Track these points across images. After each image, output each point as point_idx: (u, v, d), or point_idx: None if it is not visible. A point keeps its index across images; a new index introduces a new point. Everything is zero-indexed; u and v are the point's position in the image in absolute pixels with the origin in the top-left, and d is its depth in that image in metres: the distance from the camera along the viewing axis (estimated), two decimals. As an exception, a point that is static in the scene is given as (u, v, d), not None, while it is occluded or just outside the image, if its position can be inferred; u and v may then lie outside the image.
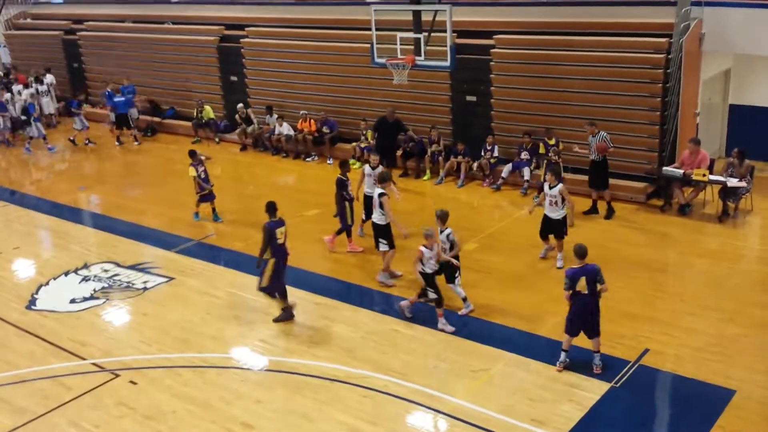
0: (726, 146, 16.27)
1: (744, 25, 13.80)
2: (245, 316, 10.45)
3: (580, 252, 8.65)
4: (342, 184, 12.23)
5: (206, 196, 14.53)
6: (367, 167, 12.27)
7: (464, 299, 10.33)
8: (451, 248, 10.15)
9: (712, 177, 13.28)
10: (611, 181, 13.87)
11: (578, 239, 12.59)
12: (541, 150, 14.71)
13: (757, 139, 15.63)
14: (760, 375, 8.58)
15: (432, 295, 9.86)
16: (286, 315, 10.30)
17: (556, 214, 11.40)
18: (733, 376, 8.59)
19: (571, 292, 8.62)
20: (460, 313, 10.26)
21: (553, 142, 14.47)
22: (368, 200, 12.27)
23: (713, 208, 13.62)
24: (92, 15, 25.39)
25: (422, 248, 9.73)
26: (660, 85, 14.01)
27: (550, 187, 11.34)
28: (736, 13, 13.85)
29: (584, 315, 8.66)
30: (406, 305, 10.26)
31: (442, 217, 10.12)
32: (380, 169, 12.24)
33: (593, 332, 8.74)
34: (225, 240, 13.51)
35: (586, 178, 13.91)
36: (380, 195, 11.14)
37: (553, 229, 11.52)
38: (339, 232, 12.59)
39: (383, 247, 11.19)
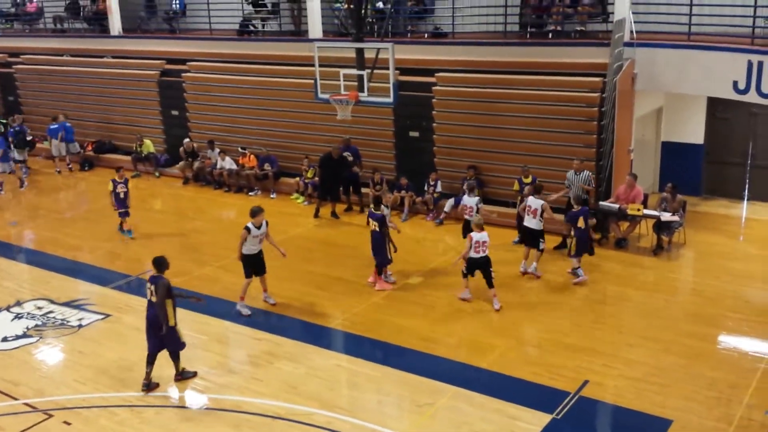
0: (659, 181, 16.81)
1: (674, 65, 14.37)
2: (184, 353, 10.20)
3: (578, 200, 12.19)
4: (382, 220, 12.05)
5: (123, 213, 15.25)
6: (253, 228, 11.17)
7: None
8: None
9: (646, 211, 13.68)
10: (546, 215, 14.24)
11: (516, 269, 12.85)
12: (515, 188, 14.32)
13: (688, 175, 16.24)
14: (696, 404, 8.79)
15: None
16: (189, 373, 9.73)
17: (534, 224, 12.51)
18: (670, 405, 8.76)
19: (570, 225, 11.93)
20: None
21: (529, 180, 14.23)
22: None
23: (648, 241, 14.01)
24: (29, 48, 24.90)
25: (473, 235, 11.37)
26: (595, 122, 14.45)
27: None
28: (666, 54, 14.42)
29: (585, 239, 11.90)
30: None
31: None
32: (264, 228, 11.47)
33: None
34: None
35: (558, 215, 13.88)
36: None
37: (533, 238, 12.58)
38: (380, 270, 12.29)
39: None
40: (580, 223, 12.19)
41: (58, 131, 21.08)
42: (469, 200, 13.16)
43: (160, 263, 9.40)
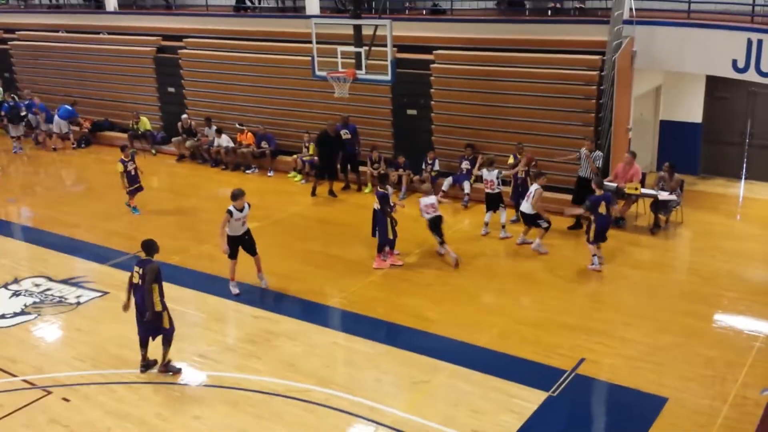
0: (657, 161, 16.79)
1: (673, 43, 14.30)
2: (183, 332, 10.22)
3: (599, 183, 11.94)
4: (384, 198, 12.08)
5: (136, 189, 15.25)
6: (235, 211, 10.98)
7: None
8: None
9: (644, 190, 13.69)
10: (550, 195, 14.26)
11: (512, 250, 12.90)
12: (509, 161, 14.31)
13: (686, 154, 16.22)
14: (691, 383, 8.84)
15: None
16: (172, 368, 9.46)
17: (526, 208, 12.75)
18: (666, 384, 8.82)
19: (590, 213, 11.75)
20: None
21: (522, 157, 14.09)
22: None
23: (645, 220, 14.02)
24: (24, 24, 24.69)
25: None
26: (594, 101, 14.41)
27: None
28: (665, 32, 14.35)
29: (606, 226, 11.77)
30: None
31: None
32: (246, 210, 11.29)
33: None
34: (161, 254, 13.07)
35: (565, 197, 14.09)
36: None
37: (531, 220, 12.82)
38: (381, 249, 12.31)
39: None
40: (602, 209, 11.89)
41: (32, 108, 21.16)
42: (490, 174, 13.30)
43: (150, 246, 9.21)
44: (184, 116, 19.71)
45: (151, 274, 9.02)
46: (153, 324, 9.16)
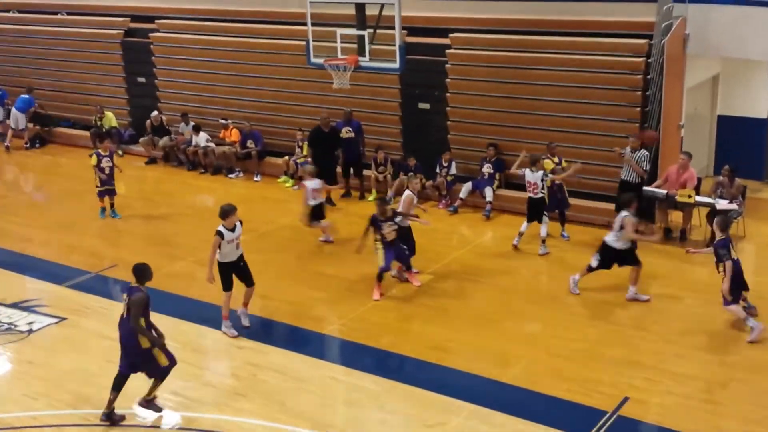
0: (714, 163, 16.79)
1: (734, 25, 14.33)
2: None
3: (724, 224, 10.70)
4: (375, 223, 12.06)
5: (106, 190, 15.46)
6: (226, 231, 10.69)
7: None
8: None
9: (699, 198, 13.68)
10: (580, 202, 14.48)
11: (544, 267, 12.89)
12: (547, 167, 13.84)
13: (748, 155, 16.20)
14: (756, 426, 8.80)
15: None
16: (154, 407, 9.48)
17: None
18: (725, 428, 8.78)
19: (730, 261, 10.41)
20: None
21: (555, 161, 14.19)
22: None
23: (701, 233, 14.01)
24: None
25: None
26: (639, 92, 14.44)
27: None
28: (724, 12, 14.38)
29: (741, 275, 10.58)
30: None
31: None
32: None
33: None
34: (128, 272, 13.19)
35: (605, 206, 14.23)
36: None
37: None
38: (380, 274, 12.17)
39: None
40: (735, 254, 10.64)
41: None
42: (534, 176, 13.24)
43: (141, 272, 9.16)
44: (155, 113, 19.81)
45: (137, 306, 8.89)
46: (144, 364, 9.12)
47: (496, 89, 15.78)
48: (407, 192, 12.58)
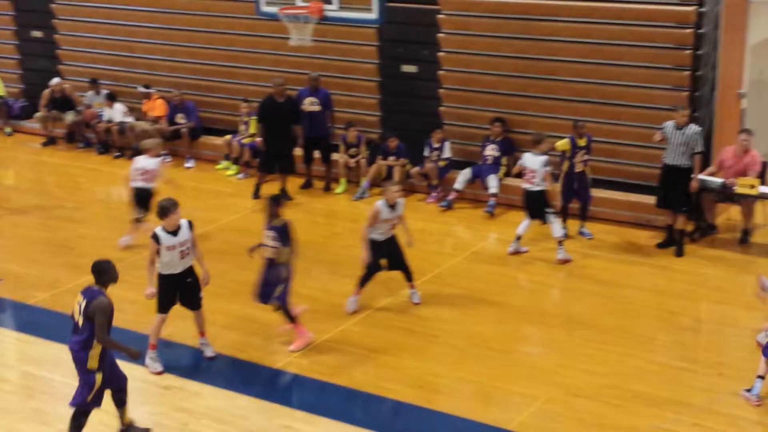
0: (786, 144, 16.98)
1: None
2: (52, 410, 10.26)
3: None
4: (282, 234, 11.74)
5: None
6: (164, 235, 10.75)
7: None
8: None
9: (763, 189, 13.81)
10: (613, 194, 14.77)
11: (560, 279, 13.01)
12: (564, 147, 14.24)
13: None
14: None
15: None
16: None
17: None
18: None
19: None
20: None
21: (584, 142, 14.30)
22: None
23: (766, 235, 14.22)
24: None
25: None
26: (689, 52, 14.57)
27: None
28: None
29: None
30: None
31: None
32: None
33: None
34: (20, 289, 13.29)
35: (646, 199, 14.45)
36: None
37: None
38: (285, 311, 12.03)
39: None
40: None
41: None
42: (533, 161, 13.52)
43: (103, 271, 9.32)
44: (56, 80, 19.75)
45: (102, 314, 9.02)
46: (81, 384, 9.28)
47: (503, 47, 15.90)
48: (376, 203, 12.24)
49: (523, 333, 11.91)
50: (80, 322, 9.14)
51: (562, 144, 14.15)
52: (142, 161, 14.22)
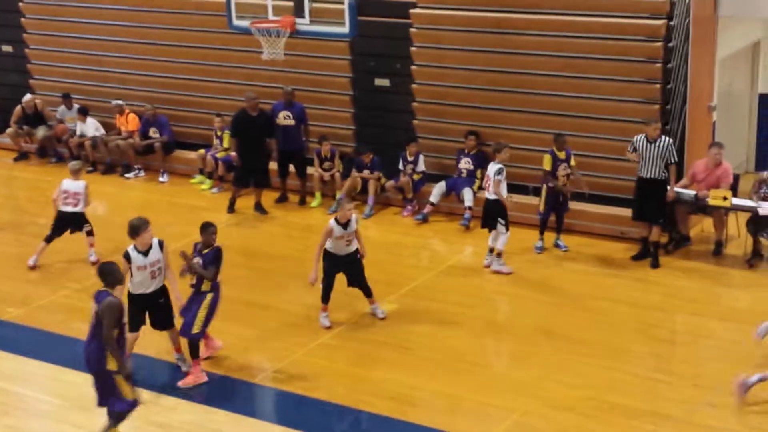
0: (756, 155, 17.08)
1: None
2: (25, 426, 10.16)
3: None
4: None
5: None
6: (136, 255, 10.71)
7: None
8: None
9: (736, 201, 13.90)
10: (587, 207, 14.77)
11: (537, 293, 13.03)
12: (546, 165, 14.18)
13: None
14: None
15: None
16: None
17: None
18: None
19: None
20: None
21: (563, 155, 14.19)
22: None
23: (740, 246, 14.26)
24: None
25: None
26: (659, 64, 14.65)
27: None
28: (766, -39, 14.67)
29: None
30: None
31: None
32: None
33: None
34: (-5, 305, 13.20)
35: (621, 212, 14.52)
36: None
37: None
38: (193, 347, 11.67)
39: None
40: None
41: None
42: (490, 168, 13.55)
43: (108, 272, 9.39)
44: (28, 97, 19.62)
45: (110, 313, 9.06)
46: (101, 391, 9.28)
47: (476, 60, 15.92)
48: (330, 221, 12.12)
49: (499, 346, 11.92)
50: (94, 323, 9.26)
51: (546, 161, 14.11)
52: (67, 184, 14.10)
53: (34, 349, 11.75)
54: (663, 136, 13.76)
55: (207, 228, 11.19)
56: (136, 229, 10.66)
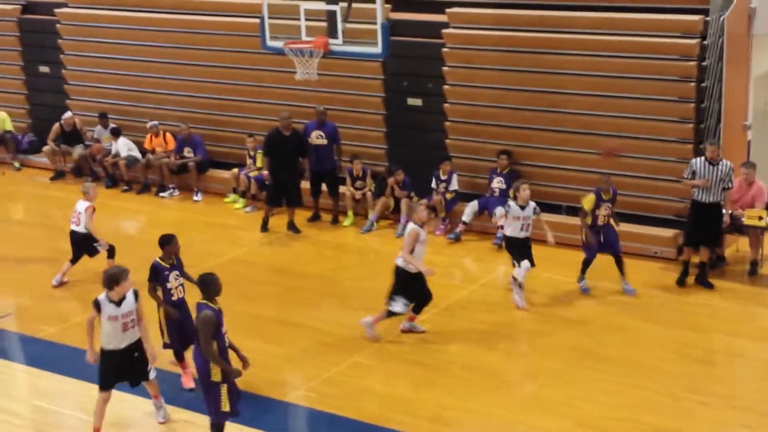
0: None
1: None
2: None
3: None
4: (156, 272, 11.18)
5: None
6: (106, 303, 9.88)
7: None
8: None
9: (771, 220, 13.84)
10: (623, 226, 14.40)
11: (571, 312, 12.97)
12: (587, 205, 13.49)
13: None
14: None
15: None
16: None
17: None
18: None
19: None
20: None
21: (609, 196, 13.52)
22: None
23: (775, 266, 14.18)
24: None
25: None
26: (693, 84, 14.60)
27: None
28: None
29: None
30: None
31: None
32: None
33: None
34: (28, 322, 13.26)
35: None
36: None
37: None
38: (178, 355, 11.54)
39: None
40: None
41: None
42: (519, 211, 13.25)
43: (208, 284, 9.60)
44: (68, 114, 19.81)
45: (206, 326, 9.30)
46: (208, 400, 9.69)
47: (508, 80, 15.92)
48: (411, 225, 12.23)
49: (533, 365, 11.85)
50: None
51: (588, 201, 13.48)
52: (78, 203, 14.27)
53: (69, 367, 11.80)
54: (723, 160, 13.38)
55: (169, 240, 11.13)
56: (116, 278, 9.80)
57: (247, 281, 14.39)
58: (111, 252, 14.22)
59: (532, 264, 13.15)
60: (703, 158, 13.40)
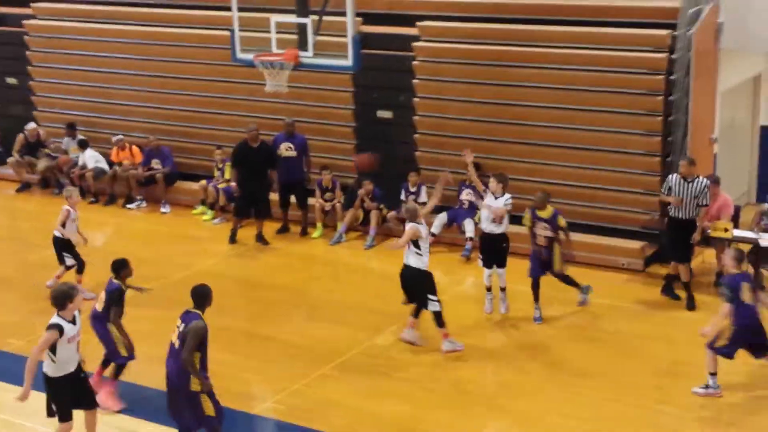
0: (757, 187, 17.05)
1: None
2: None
3: (740, 256, 11.06)
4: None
5: None
6: (66, 324, 9.39)
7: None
8: None
9: (737, 232, 13.87)
10: (588, 238, 14.73)
11: (539, 324, 12.97)
12: (525, 221, 13.24)
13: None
14: None
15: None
16: None
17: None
18: None
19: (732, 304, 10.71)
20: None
21: (548, 214, 13.05)
22: None
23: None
24: None
25: None
26: (660, 98, 14.66)
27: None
28: (766, -4, 14.75)
29: (754, 326, 10.79)
30: None
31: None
32: None
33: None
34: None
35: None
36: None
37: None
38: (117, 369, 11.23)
39: None
40: (745, 296, 10.81)
41: None
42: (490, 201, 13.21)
43: (201, 295, 9.76)
44: (32, 125, 19.68)
45: (195, 336, 9.25)
46: (187, 411, 9.44)
47: (478, 93, 15.97)
48: (410, 224, 12.19)
49: (504, 377, 11.82)
50: (176, 345, 9.42)
51: (525, 219, 13.24)
52: (62, 209, 14.16)
53: (37, 381, 11.62)
54: (699, 177, 13.39)
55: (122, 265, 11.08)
56: (69, 295, 9.38)
57: (216, 293, 14.08)
58: (80, 267, 14.07)
59: (502, 266, 13.22)
60: (677, 175, 13.43)
